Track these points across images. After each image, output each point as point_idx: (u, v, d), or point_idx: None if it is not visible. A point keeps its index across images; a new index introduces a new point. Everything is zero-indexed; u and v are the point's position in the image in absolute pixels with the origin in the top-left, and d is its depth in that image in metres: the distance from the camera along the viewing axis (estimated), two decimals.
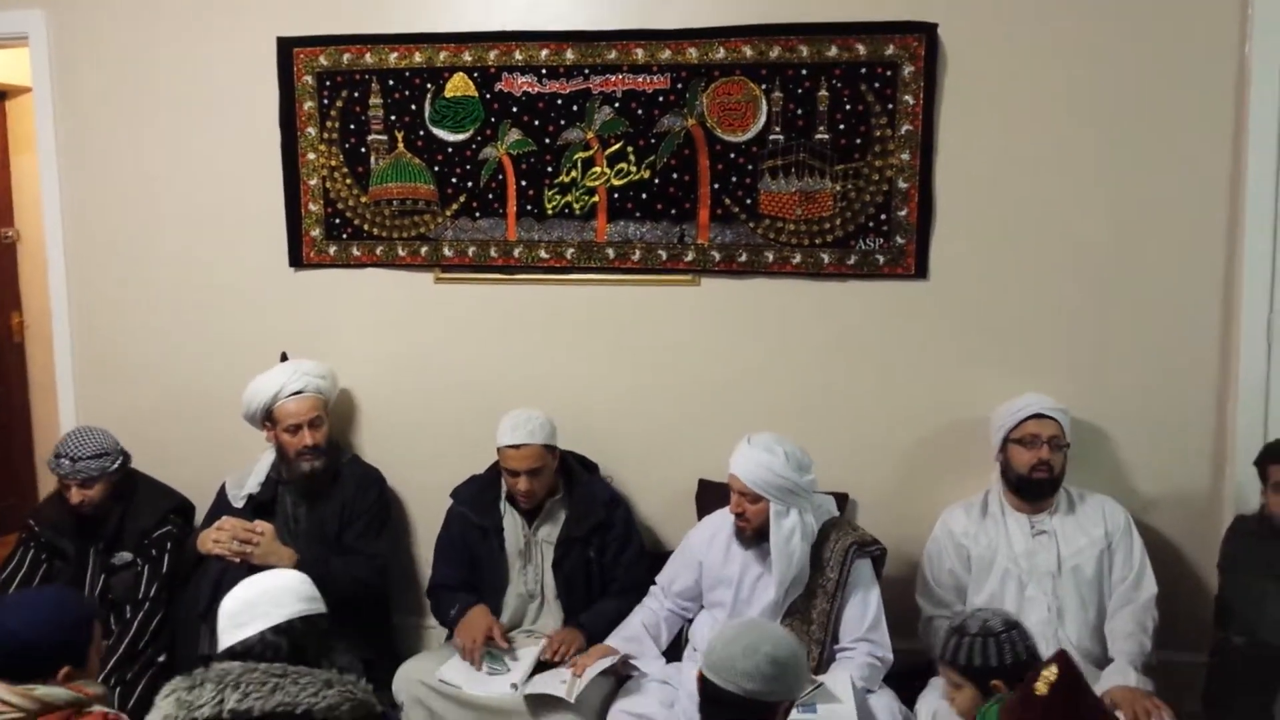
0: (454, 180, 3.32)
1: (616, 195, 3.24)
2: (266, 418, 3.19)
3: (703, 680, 2.03)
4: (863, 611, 2.70)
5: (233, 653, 1.91)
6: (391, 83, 3.31)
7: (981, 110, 3.05)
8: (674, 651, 2.93)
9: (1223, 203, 2.97)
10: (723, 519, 2.88)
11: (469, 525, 3.04)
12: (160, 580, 3.08)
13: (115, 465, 3.08)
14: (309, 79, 3.35)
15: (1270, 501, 2.67)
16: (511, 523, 3.03)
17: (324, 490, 3.18)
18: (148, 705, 1.88)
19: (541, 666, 2.79)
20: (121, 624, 3.02)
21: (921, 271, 3.12)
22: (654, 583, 3.00)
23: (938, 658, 2.30)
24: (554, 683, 2.70)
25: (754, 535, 2.75)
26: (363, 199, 3.39)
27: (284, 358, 3.34)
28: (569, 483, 3.06)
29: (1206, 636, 2.88)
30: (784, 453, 2.68)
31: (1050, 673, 1.80)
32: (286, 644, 1.91)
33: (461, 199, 3.33)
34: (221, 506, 3.17)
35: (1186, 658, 2.98)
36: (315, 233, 3.43)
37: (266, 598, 1.98)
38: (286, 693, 1.75)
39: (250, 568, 2.94)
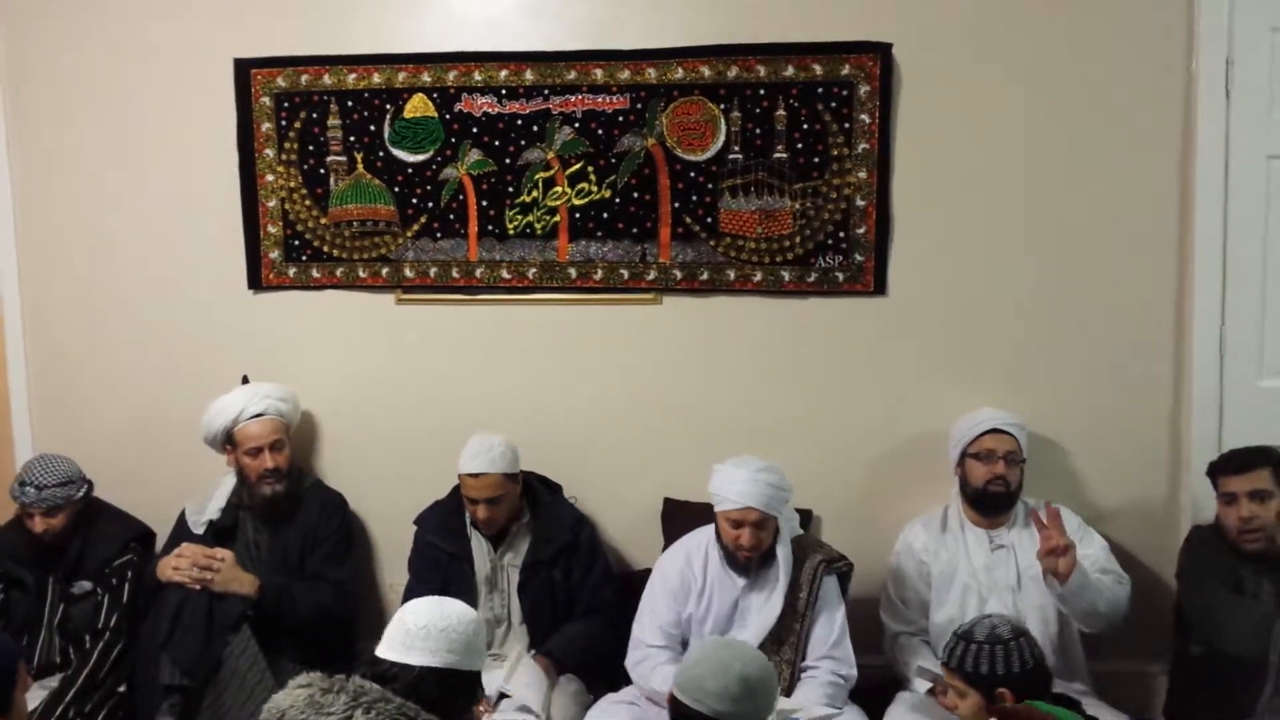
0: (414, 201, 3.31)
1: (578, 215, 3.25)
2: (227, 440, 3.16)
3: (673, 700, 2.01)
4: (829, 630, 2.70)
5: (384, 670, 1.89)
6: (350, 103, 3.29)
7: (937, 128, 3.08)
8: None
9: (1173, 219, 3.03)
10: (693, 543, 2.85)
11: (440, 551, 3.02)
12: (120, 610, 3.04)
13: (81, 493, 3.05)
14: (267, 100, 3.33)
15: (1222, 512, 2.71)
16: (479, 548, 3.01)
17: (286, 515, 3.14)
18: None
19: (503, 695, 2.77)
20: (81, 654, 2.98)
21: (880, 288, 3.15)
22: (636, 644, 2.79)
23: (942, 664, 2.26)
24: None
25: (760, 560, 2.70)
26: (322, 220, 3.37)
27: (245, 381, 3.32)
28: (533, 506, 3.04)
29: (1167, 647, 2.92)
30: (777, 466, 2.68)
31: None
32: (435, 691, 1.88)
33: (422, 220, 3.32)
34: (181, 533, 3.12)
35: (1147, 668, 3.02)
36: (274, 254, 3.40)
37: (444, 635, 1.93)
38: None
39: (211, 595, 2.92)
